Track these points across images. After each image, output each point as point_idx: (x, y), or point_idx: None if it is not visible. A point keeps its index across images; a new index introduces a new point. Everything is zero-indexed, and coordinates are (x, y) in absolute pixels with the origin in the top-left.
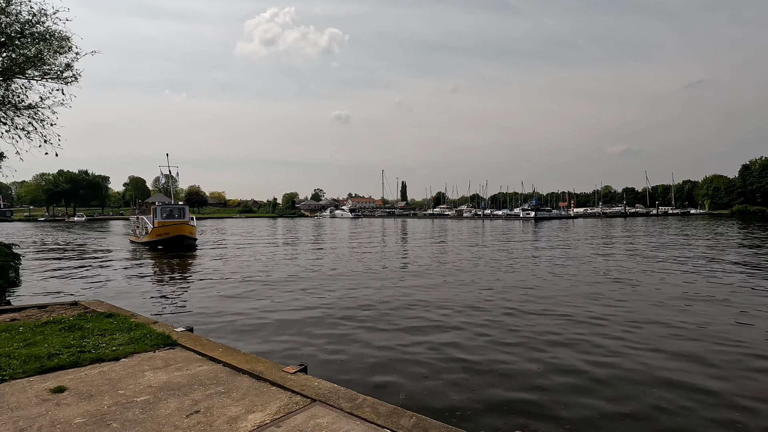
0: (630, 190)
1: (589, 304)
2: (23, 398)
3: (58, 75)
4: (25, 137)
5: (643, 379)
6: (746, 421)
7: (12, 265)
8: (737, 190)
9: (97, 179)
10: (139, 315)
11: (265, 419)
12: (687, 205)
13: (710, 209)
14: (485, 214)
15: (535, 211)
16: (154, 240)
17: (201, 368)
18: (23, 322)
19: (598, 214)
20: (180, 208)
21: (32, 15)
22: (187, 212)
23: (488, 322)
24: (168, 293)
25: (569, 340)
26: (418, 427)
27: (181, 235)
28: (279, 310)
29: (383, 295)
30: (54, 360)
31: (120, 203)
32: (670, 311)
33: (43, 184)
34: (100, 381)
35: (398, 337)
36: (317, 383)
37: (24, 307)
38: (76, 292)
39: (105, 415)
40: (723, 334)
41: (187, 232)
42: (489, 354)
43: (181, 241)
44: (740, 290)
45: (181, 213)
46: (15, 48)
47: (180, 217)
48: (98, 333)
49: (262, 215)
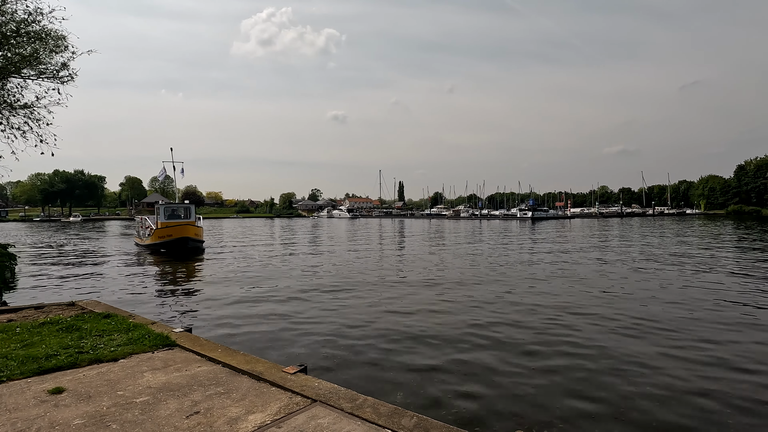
0: (626, 191)
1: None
2: (21, 399)
3: (54, 74)
4: (20, 137)
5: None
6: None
7: (7, 266)
8: (733, 190)
9: (93, 179)
10: (137, 315)
11: (266, 420)
12: (683, 205)
13: (706, 209)
14: (482, 214)
15: (532, 211)
16: (156, 243)
17: (200, 369)
18: (20, 322)
19: (594, 214)
20: (185, 208)
21: (28, 14)
22: (194, 212)
23: (491, 329)
24: (166, 294)
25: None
26: (419, 427)
27: (185, 237)
28: (278, 310)
29: (384, 298)
30: (52, 361)
31: (116, 203)
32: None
33: (38, 184)
34: (99, 382)
35: (401, 338)
36: (317, 383)
37: (21, 307)
38: (73, 293)
39: (104, 416)
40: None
41: (193, 234)
42: (490, 357)
43: (185, 243)
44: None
45: (186, 212)
46: (10, 47)
47: (185, 217)
48: (96, 334)
49: (260, 215)
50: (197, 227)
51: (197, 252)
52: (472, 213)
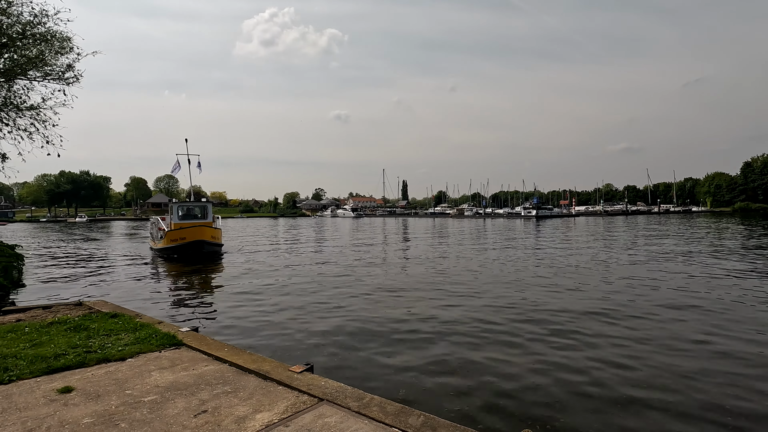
0: (631, 188)
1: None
2: (31, 399)
3: (59, 76)
4: (27, 138)
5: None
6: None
7: (15, 266)
8: (739, 187)
9: (98, 180)
10: (143, 315)
11: (273, 419)
12: (689, 202)
13: (712, 207)
14: (486, 212)
15: (536, 209)
16: (168, 246)
17: (207, 368)
18: (29, 322)
19: (599, 212)
20: (202, 207)
21: (33, 16)
22: (210, 211)
23: (498, 324)
24: (172, 293)
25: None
26: (426, 426)
27: (200, 241)
28: (283, 309)
29: (390, 296)
30: (60, 360)
31: (121, 204)
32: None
33: (44, 184)
34: (107, 381)
35: (406, 336)
36: (324, 382)
37: (29, 307)
38: (79, 293)
39: (113, 415)
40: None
41: (209, 237)
42: (494, 353)
43: (201, 247)
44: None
45: (202, 212)
46: (17, 49)
47: (202, 217)
48: (104, 333)
49: (264, 215)
50: (215, 229)
51: (214, 257)
52: (476, 212)
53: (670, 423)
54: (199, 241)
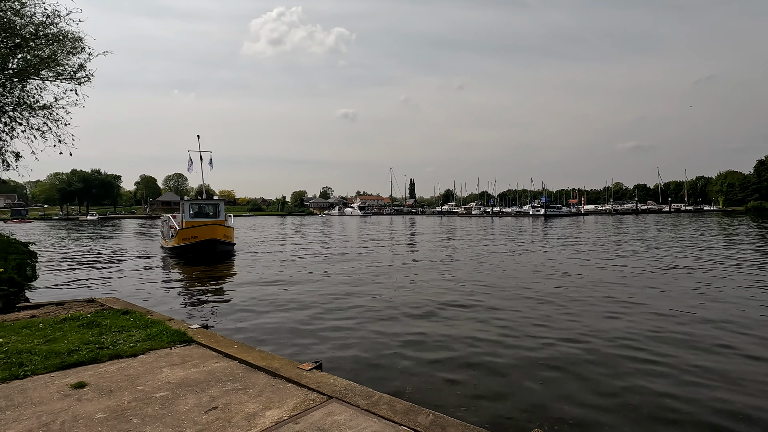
0: (641, 187)
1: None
2: (45, 393)
3: (71, 75)
4: (40, 137)
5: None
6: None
7: (29, 263)
8: (752, 186)
9: (109, 178)
10: (154, 312)
11: (283, 416)
12: (700, 201)
13: (724, 206)
14: (494, 211)
15: (544, 208)
16: (180, 246)
17: (217, 365)
18: (42, 318)
19: (609, 211)
20: (214, 204)
21: (46, 17)
22: (223, 209)
23: (509, 330)
24: (182, 291)
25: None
26: (435, 424)
27: (212, 240)
28: (293, 307)
29: (397, 294)
30: (74, 356)
31: (131, 202)
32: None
33: (56, 183)
34: (119, 377)
35: (413, 335)
36: (333, 380)
37: (42, 304)
38: (91, 290)
39: (125, 410)
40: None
41: (222, 235)
42: (500, 353)
43: (213, 246)
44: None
45: (215, 210)
46: (30, 49)
47: (214, 215)
48: (116, 330)
49: (272, 213)
50: (227, 227)
51: (227, 256)
52: (483, 210)
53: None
54: (211, 240)
